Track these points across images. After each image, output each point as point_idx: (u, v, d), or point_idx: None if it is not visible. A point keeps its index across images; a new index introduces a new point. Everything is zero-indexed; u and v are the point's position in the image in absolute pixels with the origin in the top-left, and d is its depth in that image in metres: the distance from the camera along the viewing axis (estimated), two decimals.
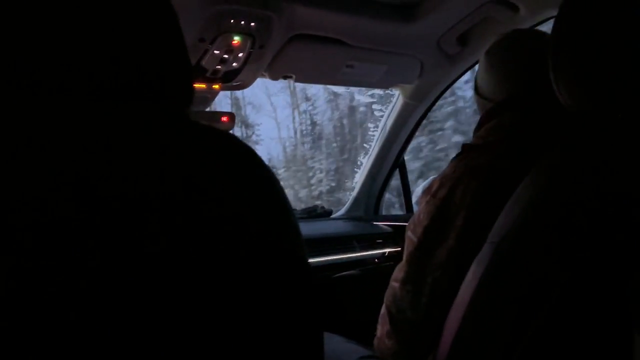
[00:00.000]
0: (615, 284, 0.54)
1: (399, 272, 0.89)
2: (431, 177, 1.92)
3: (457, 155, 0.90)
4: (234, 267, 0.39)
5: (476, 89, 0.99)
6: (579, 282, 0.57)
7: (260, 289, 0.40)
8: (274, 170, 0.47)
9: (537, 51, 0.88)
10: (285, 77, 1.48)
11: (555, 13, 0.69)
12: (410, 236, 0.88)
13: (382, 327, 0.90)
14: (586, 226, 0.58)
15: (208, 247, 0.37)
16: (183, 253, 0.36)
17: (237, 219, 0.40)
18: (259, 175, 0.44)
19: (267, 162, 0.46)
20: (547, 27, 1.33)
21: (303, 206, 2.17)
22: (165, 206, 0.37)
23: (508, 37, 0.95)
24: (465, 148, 0.90)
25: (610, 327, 0.55)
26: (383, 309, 0.91)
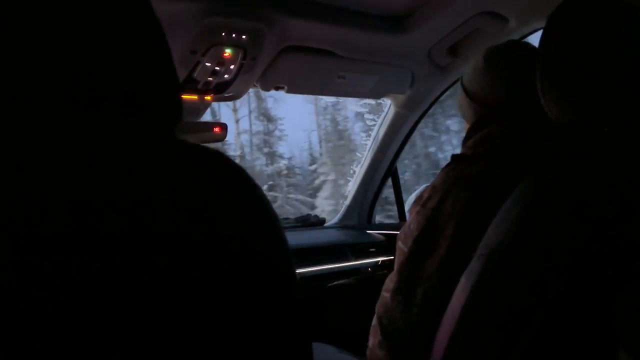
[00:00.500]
0: (604, 298, 0.55)
1: (390, 282, 0.89)
2: (423, 186, 1.93)
3: (447, 165, 0.91)
4: (224, 283, 0.39)
5: (466, 92, 0.98)
6: (568, 295, 0.58)
7: (249, 303, 0.40)
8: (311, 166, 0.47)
9: (532, 63, 0.90)
10: (277, 88, 1.48)
11: (544, 25, 0.70)
12: (401, 246, 0.89)
13: (373, 338, 0.90)
14: (575, 239, 0.58)
15: (197, 265, 0.38)
16: (171, 271, 0.37)
17: (226, 238, 0.40)
18: (248, 194, 0.44)
19: (289, 158, 0.46)
20: (535, 39, 1.34)
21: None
22: (153, 226, 0.37)
23: (508, 44, 0.96)
24: (455, 158, 0.91)
25: (598, 342, 0.55)
26: (375, 320, 0.91)
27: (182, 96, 0.49)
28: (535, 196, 0.65)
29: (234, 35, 1.18)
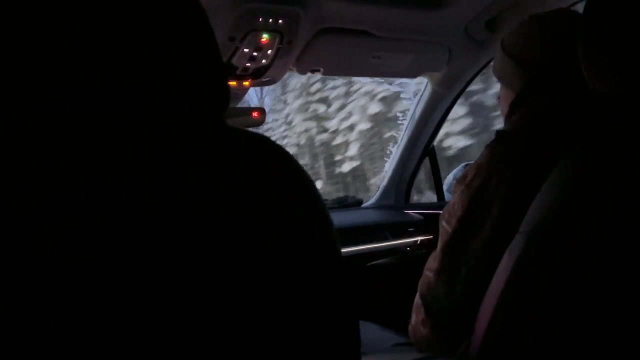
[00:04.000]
0: None
1: (433, 261, 0.90)
2: (462, 165, 1.90)
3: (491, 142, 0.90)
4: (276, 266, 0.41)
5: (512, 58, 0.94)
6: (610, 271, 0.57)
7: (298, 283, 0.42)
8: None
9: (554, 34, 0.88)
10: (312, 71, 1.49)
11: None
12: (445, 226, 0.89)
13: (416, 316, 0.92)
14: (619, 216, 0.58)
15: (247, 248, 0.40)
16: (222, 255, 0.38)
17: (277, 221, 0.42)
18: (295, 176, 0.46)
19: None
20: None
21: None
22: (209, 211, 0.39)
23: (558, 12, 0.93)
24: (499, 135, 0.89)
25: (638, 319, 0.55)
26: (417, 298, 0.92)
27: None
28: (579, 172, 0.65)
29: (270, 20, 1.19)
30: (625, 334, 0.57)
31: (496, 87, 1.11)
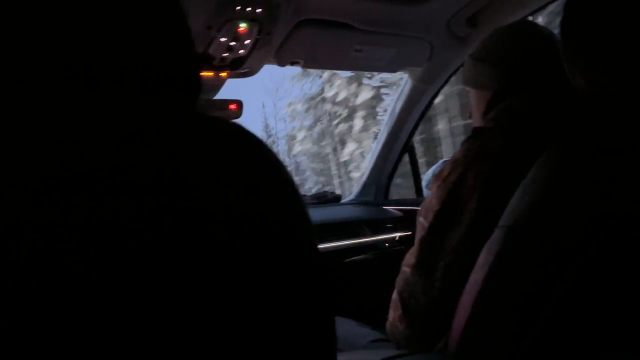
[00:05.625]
0: (630, 268, 0.54)
1: (410, 257, 0.89)
2: (441, 162, 1.91)
3: (468, 138, 0.90)
4: (247, 259, 0.39)
5: (486, 60, 0.97)
6: (591, 267, 0.57)
7: (273, 278, 0.40)
8: None
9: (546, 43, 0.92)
10: (293, 63, 1.47)
11: None
12: (422, 221, 0.88)
13: (394, 312, 0.91)
14: (600, 211, 0.57)
15: (222, 241, 0.38)
16: (195, 248, 0.37)
17: (250, 211, 0.40)
18: (271, 168, 0.44)
19: None
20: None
21: None
22: (175, 201, 0.37)
23: (527, 23, 1.02)
24: (476, 131, 0.89)
25: (623, 310, 0.55)
26: (395, 294, 0.92)
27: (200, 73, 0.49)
28: (560, 167, 0.64)
29: (248, 9, 1.16)
30: (605, 331, 0.57)
31: None
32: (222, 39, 1.22)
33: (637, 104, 0.63)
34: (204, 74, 1.34)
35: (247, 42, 1.25)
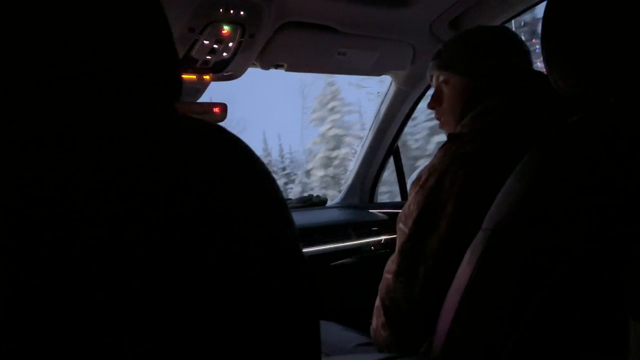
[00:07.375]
0: (610, 270, 0.54)
1: (391, 263, 0.89)
2: (420, 167, 1.92)
3: (444, 144, 0.90)
4: (230, 262, 0.38)
5: (460, 68, 0.99)
6: (574, 268, 0.57)
7: (257, 281, 0.40)
8: None
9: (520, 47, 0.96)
10: (276, 66, 1.46)
11: None
12: (402, 227, 0.89)
13: (377, 319, 0.91)
14: (584, 212, 0.58)
15: (203, 243, 0.37)
16: (177, 250, 0.36)
17: (231, 214, 0.39)
18: (252, 168, 0.44)
19: None
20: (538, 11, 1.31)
21: None
22: (155, 204, 0.36)
23: (500, 28, 1.02)
24: (452, 137, 0.90)
25: (605, 312, 0.55)
26: (378, 301, 0.92)
27: (181, 75, 0.48)
28: (540, 170, 0.65)
29: (231, 11, 1.15)
30: (588, 332, 0.57)
31: None
32: (205, 42, 1.21)
33: (616, 105, 0.63)
34: (187, 77, 1.32)
35: (230, 44, 1.24)
